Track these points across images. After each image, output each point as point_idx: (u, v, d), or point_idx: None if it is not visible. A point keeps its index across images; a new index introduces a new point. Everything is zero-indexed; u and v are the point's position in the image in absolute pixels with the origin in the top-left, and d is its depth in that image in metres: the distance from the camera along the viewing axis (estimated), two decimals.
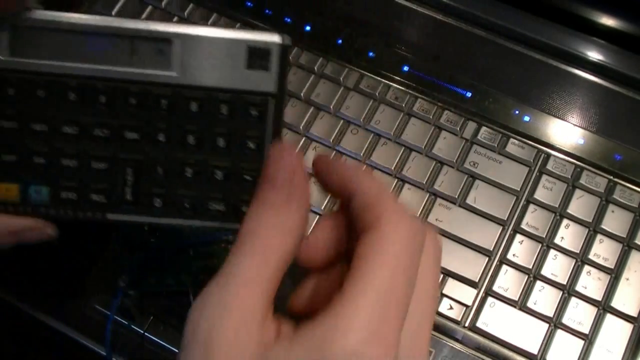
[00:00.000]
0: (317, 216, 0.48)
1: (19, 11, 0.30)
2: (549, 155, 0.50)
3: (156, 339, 0.45)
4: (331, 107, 0.52)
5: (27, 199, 0.32)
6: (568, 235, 0.48)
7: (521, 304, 0.46)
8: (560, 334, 0.45)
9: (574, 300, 0.46)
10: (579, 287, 0.46)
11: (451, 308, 0.46)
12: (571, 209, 0.48)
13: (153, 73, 0.31)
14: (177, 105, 0.31)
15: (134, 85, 0.31)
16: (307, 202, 0.28)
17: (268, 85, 0.31)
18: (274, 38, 0.31)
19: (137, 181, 0.32)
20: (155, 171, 0.31)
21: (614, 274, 0.47)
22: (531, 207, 0.48)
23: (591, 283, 0.46)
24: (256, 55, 0.31)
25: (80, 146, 0.31)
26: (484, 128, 0.51)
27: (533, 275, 0.47)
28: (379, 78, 0.53)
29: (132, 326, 0.44)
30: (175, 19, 0.55)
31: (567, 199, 0.49)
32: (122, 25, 0.31)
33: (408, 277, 0.26)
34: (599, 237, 0.47)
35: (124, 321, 0.44)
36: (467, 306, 0.46)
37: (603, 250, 0.47)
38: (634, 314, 0.45)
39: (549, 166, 0.50)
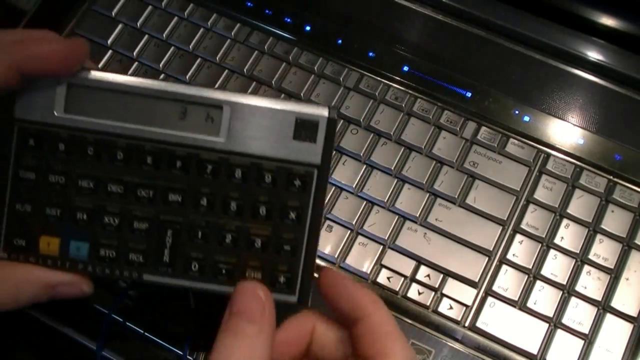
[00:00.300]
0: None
1: (76, 71, 0.31)
2: (548, 155, 0.50)
3: (156, 339, 0.45)
4: None
5: (67, 254, 0.32)
6: (568, 235, 0.48)
7: (521, 304, 0.46)
8: (560, 333, 0.45)
9: (573, 300, 0.46)
10: (578, 287, 0.46)
11: (451, 308, 0.46)
12: (571, 209, 0.48)
13: (201, 138, 0.32)
14: (221, 171, 0.32)
15: (181, 149, 0.31)
16: (274, 332, 0.30)
17: (313, 157, 0.32)
18: (322, 111, 0.32)
19: (176, 244, 0.32)
20: (195, 235, 0.32)
21: (614, 274, 0.47)
22: (531, 207, 0.48)
23: (591, 283, 0.46)
24: (304, 127, 0.32)
25: (124, 205, 0.32)
26: (483, 128, 0.51)
27: (533, 275, 0.47)
28: (379, 78, 0.53)
29: (132, 326, 0.44)
30: (175, 19, 0.55)
31: (567, 199, 0.49)
32: (174, 90, 0.31)
33: None
34: (598, 237, 0.47)
35: (119, 319, 0.44)
36: (467, 306, 0.46)
37: (603, 250, 0.47)
38: (633, 313, 0.45)
39: (549, 166, 0.50)
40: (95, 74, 0.32)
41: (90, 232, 0.32)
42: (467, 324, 0.46)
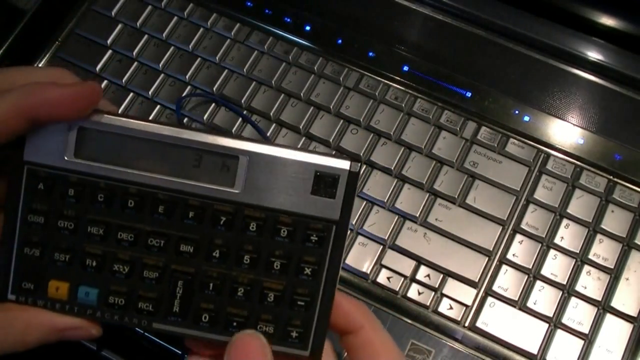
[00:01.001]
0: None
1: (87, 114, 0.31)
2: (548, 155, 0.50)
3: (156, 339, 0.45)
4: (331, 107, 0.52)
5: (75, 299, 0.31)
6: (568, 235, 0.48)
7: (521, 304, 0.46)
8: (560, 333, 0.45)
9: (573, 300, 0.46)
10: (578, 287, 0.46)
11: (451, 308, 0.46)
12: (571, 209, 0.48)
13: (215, 188, 0.31)
14: (235, 223, 0.31)
15: (194, 198, 0.31)
16: None
17: (332, 212, 0.31)
18: (343, 165, 0.31)
19: (186, 294, 0.31)
20: (206, 286, 0.31)
21: (614, 274, 0.47)
22: (531, 207, 0.48)
23: (591, 283, 0.46)
24: (323, 182, 0.31)
25: (134, 253, 0.31)
26: (483, 128, 0.51)
27: (533, 275, 0.47)
28: (378, 78, 0.53)
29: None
30: (174, 19, 0.55)
31: (566, 198, 0.49)
32: (189, 137, 0.31)
33: None
34: (598, 237, 0.47)
35: None
36: (466, 306, 0.46)
37: (603, 250, 0.47)
38: (633, 313, 0.45)
39: (549, 166, 0.50)
40: (108, 118, 0.31)
41: (100, 278, 0.31)
42: (467, 324, 0.46)
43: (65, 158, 0.31)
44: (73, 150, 0.31)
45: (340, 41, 0.55)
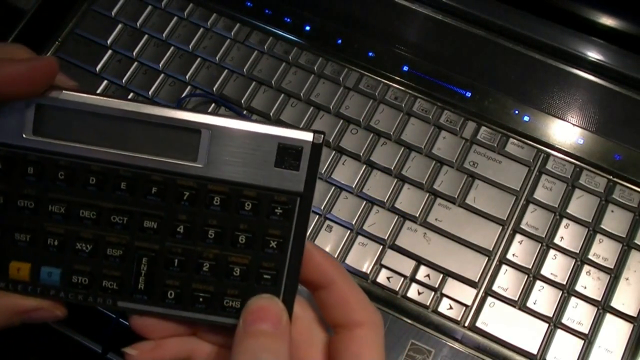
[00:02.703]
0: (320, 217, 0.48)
1: (45, 90, 0.30)
2: (548, 155, 0.50)
3: None
4: (331, 107, 0.52)
5: (38, 280, 0.31)
6: (567, 235, 0.48)
7: (521, 304, 0.46)
8: (559, 333, 0.45)
9: (573, 300, 0.46)
10: (578, 287, 0.46)
11: (451, 308, 0.46)
12: (571, 209, 0.48)
13: (178, 163, 0.30)
14: (199, 198, 0.30)
15: (157, 174, 0.30)
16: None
17: (296, 185, 0.30)
18: (306, 136, 0.30)
19: (151, 271, 0.31)
20: (171, 263, 0.31)
21: (614, 274, 0.47)
22: (531, 207, 0.48)
23: (591, 283, 0.46)
24: (286, 154, 0.30)
25: (97, 231, 0.31)
26: (483, 128, 0.51)
27: (533, 275, 0.47)
28: (378, 78, 0.53)
29: None
30: (174, 19, 0.55)
31: (566, 198, 0.49)
32: (151, 112, 0.30)
33: None
34: (598, 237, 0.47)
35: (126, 322, 0.44)
36: (466, 306, 0.46)
37: (603, 250, 0.47)
38: (633, 313, 0.45)
39: (549, 166, 0.50)
40: (67, 94, 0.30)
41: (62, 258, 0.31)
42: (466, 324, 0.46)
43: (24, 136, 0.30)
44: (31, 128, 0.30)
45: (340, 41, 0.55)
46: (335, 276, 0.31)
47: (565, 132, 0.51)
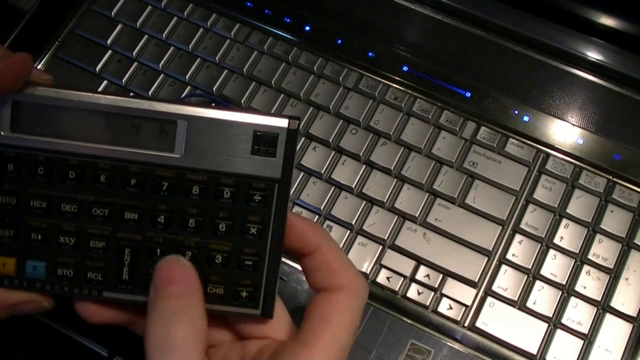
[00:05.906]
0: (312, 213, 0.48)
1: (20, 87, 0.30)
2: (548, 155, 0.50)
3: None
4: (331, 107, 0.52)
5: (23, 274, 0.31)
6: (567, 235, 0.48)
7: (520, 304, 0.46)
8: (559, 333, 0.45)
9: (573, 300, 0.46)
10: (578, 287, 0.46)
11: (450, 308, 0.46)
12: (570, 209, 0.48)
13: (155, 154, 0.31)
14: (178, 187, 0.31)
15: (136, 166, 0.31)
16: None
17: (274, 171, 0.31)
18: (281, 123, 0.31)
19: (134, 262, 0.31)
20: (154, 253, 0.31)
21: (614, 274, 0.47)
22: (530, 207, 0.48)
23: (590, 283, 0.46)
24: (262, 141, 0.31)
25: (79, 224, 0.31)
26: (483, 128, 0.51)
27: (532, 275, 0.47)
28: (378, 78, 0.53)
29: None
30: (174, 19, 0.55)
31: (566, 198, 0.49)
32: (126, 105, 0.31)
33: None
34: (598, 237, 0.47)
35: None
36: (466, 306, 0.46)
37: (602, 250, 0.47)
38: (633, 313, 0.45)
39: (548, 166, 0.50)
40: (42, 90, 0.30)
41: (46, 251, 0.31)
42: (466, 324, 0.46)
43: (2, 134, 0.31)
44: (9, 125, 0.31)
45: (340, 41, 0.55)
46: (320, 241, 0.31)
47: (565, 132, 0.51)
